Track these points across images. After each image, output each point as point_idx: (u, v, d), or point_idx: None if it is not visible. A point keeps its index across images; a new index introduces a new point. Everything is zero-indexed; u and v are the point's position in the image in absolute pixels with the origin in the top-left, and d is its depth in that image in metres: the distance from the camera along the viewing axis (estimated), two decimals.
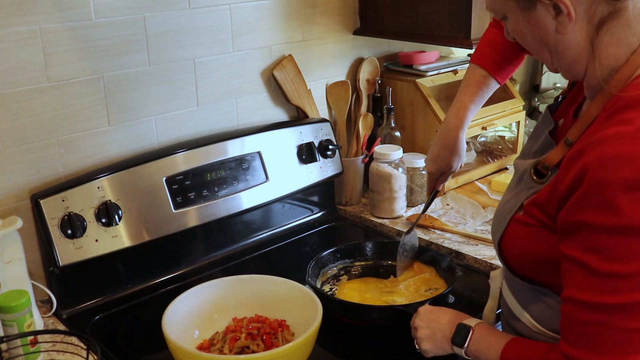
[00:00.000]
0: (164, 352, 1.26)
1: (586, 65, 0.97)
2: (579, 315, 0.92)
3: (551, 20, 0.94)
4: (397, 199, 1.90)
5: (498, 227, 1.10)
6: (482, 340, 1.13)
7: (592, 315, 0.91)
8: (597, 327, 0.91)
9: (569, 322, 0.95)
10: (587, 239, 0.90)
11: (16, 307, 1.24)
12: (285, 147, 1.82)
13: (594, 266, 0.89)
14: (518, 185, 1.09)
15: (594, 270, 0.89)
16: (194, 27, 1.67)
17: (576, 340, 0.94)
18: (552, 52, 0.98)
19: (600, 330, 0.91)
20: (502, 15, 1.01)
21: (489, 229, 1.82)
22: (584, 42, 0.95)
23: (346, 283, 1.54)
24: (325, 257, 1.59)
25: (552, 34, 0.95)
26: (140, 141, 1.65)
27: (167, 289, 1.61)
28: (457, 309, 1.44)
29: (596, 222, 0.88)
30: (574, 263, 0.92)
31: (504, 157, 2.27)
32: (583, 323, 0.92)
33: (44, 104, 1.46)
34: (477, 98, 1.40)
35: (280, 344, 1.26)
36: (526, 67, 2.77)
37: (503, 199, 1.14)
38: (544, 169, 1.02)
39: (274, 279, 1.42)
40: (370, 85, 2.08)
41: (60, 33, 1.45)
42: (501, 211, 1.11)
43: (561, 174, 0.94)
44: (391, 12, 1.94)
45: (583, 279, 0.91)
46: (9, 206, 1.46)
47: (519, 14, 0.97)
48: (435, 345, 1.20)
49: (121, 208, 1.50)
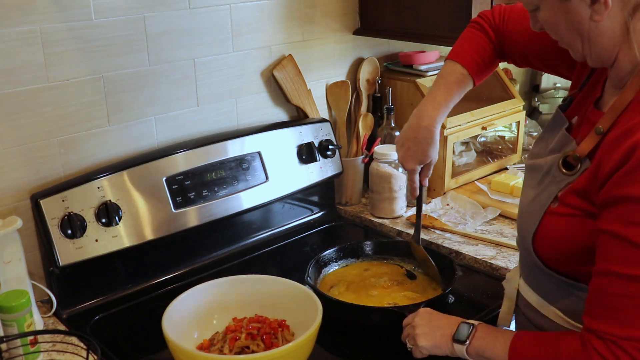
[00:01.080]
0: (164, 352, 1.26)
1: (617, 51, 0.99)
2: (611, 288, 0.94)
3: (586, 8, 0.96)
4: (397, 199, 1.91)
5: (530, 222, 1.10)
6: (486, 335, 1.13)
7: (625, 287, 0.92)
8: (628, 299, 0.92)
9: (598, 296, 0.96)
10: (630, 213, 0.91)
11: (16, 307, 1.24)
12: (285, 147, 1.82)
13: (633, 239, 0.91)
14: (543, 182, 1.10)
15: (633, 242, 0.91)
16: (194, 27, 1.67)
17: (603, 313, 0.95)
18: (585, 39, 0.99)
19: (632, 303, 0.92)
20: (534, 6, 1.02)
21: (489, 229, 1.82)
22: (618, 28, 0.96)
23: None
24: (326, 257, 1.59)
25: (587, 22, 0.97)
26: (140, 141, 1.65)
27: (167, 289, 1.61)
28: (457, 309, 1.45)
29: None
30: (611, 236, 0.93)
31: (504, 157, 2.27)
32: (614, 295, 0.93)
33: (44, 104, 1.46)
34: (454, 97, 1.38)
35: (280, 344, 1.26)
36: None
37: (526, 197, 1.15)
38: (575, 160, 1.04)
39: (274, 279, 1.42)
40: (370, 85, 2.08)
41: (60, 33, 1.45)
42: (530, 208, 1.11)
43: (604, 157, 0.96)
44: (391, 12, 1.94)
45: (620, 251, 0.92)
46: (9, 206, 1.46)
47: (554, 4, 0.98)
48: (434, 343, 1.19)
49: (121, 208, 1.50)
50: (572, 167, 1.04)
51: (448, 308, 1.48)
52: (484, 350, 1.11)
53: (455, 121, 2.00)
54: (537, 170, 1.13)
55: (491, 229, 1.82)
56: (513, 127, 2.30)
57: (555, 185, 1.06)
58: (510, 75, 2.55)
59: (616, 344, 0.93)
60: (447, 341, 1.17)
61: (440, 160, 2.00)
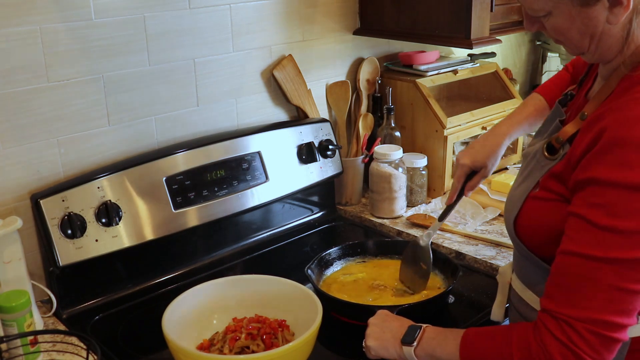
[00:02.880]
0: (164, 352, 1.26)
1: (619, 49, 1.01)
2: (570, 268, 0.95)
3: (604, 12, 0.97)
4: (397, 199, 1.91)
5: (512, 207, 1.12)
6: (436, 336, 1.11)
7: (585, 267, 0.93)
8: (585, 280, 0.92)
9: (557, 276, 0.97)
10: (593, 195, 0.93)
11: (16, 307, 1.24)
12: (285, 147, 1.82)
13: (595, 220, 0.92)
14: (528, 167, 1.13)
15: (595, 224, 0.92)
16: (194, 27, 1.67)
17: (559, 293, 0.95)
18: (595, 41, 1.01)
19: (588, 284, 0.92)
20: (546, 12, 1.02)
21: (489, 229, 1.82)
22: (623, 28, 0.99)
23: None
24: (329, 255, 1.59)
25: (601, 25, 0.98)
26: (140, 141, 1.65)
27: (167, 289, 1.61)
28: (457, 309, 1.45)
29: (605, 178, 0.91)
30: (577, 218, 0.95)
31: (504, 157, 2.27)
32: (571, 275, 0.94)
33: (44, 104, 1.46)
34: (531, 119, 1.44)
35: (281, 344, 1.26)
36: (526, 67, 2.77)
37: (514, 185, 1.17)
38: (557, 142, 1.06)
39: (274, 279, 1.41)
40: (370, 85, 2.08)
41: (60, 33, 1.45)
42: (514, 194, 1.14)
43: (578, 140, 0.98)
44: (391, 12, 1.94)
45: (583, 233, 0.93)
46: (9, 206, 1.46)
47: (570, 10, 0.99)
48: (382, 344, 1.17)
49: (121, 208, 1.50)
50: (555, 151, 1.06)
51: (448, 308, 1.48)
52: (434, 349, 1.09)
53: (455, 121, 2.00)
54: (527, 157, 1.16)
55: (491, 229, 1.83)
56: None
57: (539, 172, 1.08)
58: (510, 75, 2.56)
59: (568, 324, 0.93)
60: (395, 343, 1.14)
61: (440, 160, 2.00)
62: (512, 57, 2.67)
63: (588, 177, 0.93)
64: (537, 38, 2.72)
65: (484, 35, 1.79)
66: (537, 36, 2.71)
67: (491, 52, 2.33)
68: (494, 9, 1.79)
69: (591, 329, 0.92)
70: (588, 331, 0.92)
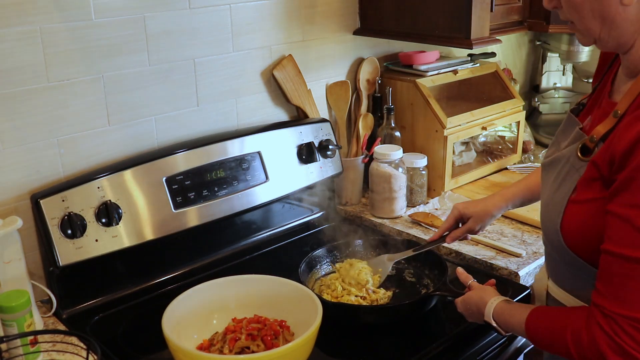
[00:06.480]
0: (164, 352, 1.26)
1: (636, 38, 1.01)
2: (614, 267, 0.97)
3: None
4: (397, 199, 1.90)
5: (554, 215, 1.12)
6: (505, 306, 1.21)
7: (626, 268, 0.96)
8: (628, 280, 0.96)
9: (604, 273, 1.00)
10: (633, 195, 0.94)
11: (16, 307, 1.24)
12: (285, 147, 1.82)
13: (634, 221, 0.94)
14: (562, 172, 1.13)
15: (634, 225, 0.94)
16: (194, 27, 1.67)
17: (607, 290, 0.99)
18: (607, 24, 1.01)
19: (631, 283, 0.96)
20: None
21: (489, 229, 1.82)
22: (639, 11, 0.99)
23: None
24: (317, 256, 1.62)
25: (615, 6, 0.99)
26: (140, 141, 1.65)
27: (167, 289, 1.61)
28: (457, 309, 1.44)
29: None
30: (616, 218, 0.97)
31: (504, 157, 2.27)
32: (616, 275, 0.97)
33: (44, 104, 1.46)
34: (529, 194, 1.48)
35: (280, 345, 1.26)
36: (526, 67, 2.77)
37: (549, 191, 1.17)
38: (592, 141, 1.07)
39: (274, 279, 1.42)
40: (370, 85, 2.08)
41: (60, 33, 1.45)
42: (553, 200, 1.14)
43: (617, 138, 0.98)
44: (391, 12, 1.94)
45: (623, 233, 0.96)
46: (9, 206, 1.46)
47: None
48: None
49: (121, 208, 1.50)
50: (590, 151, 1.07)
51: (448, 308, 1.48)
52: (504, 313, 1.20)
53: (455, 121, 2.00)
54: (556, 164, 1.16)
55: (491, 228, 1.82)
56: (513, 127, 2.30)
57: (576, 175, 1.09)
58: (510, 75, 2.55)
59: (616, 321, 0.97)
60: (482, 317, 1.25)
61: (440, 161, 2.00)
62: (512, 57, 2.67)
63: (628, 176, 0.95)
64: (537, 38, 2.72)
65: (484, 35, 1.79)
66: (537, 36, 2.71)
67: (491, 52, 2.33)
68: (494, 9, 1.79)
69: (636, 325, 0.96)
70: (633, 327, 0.96)
